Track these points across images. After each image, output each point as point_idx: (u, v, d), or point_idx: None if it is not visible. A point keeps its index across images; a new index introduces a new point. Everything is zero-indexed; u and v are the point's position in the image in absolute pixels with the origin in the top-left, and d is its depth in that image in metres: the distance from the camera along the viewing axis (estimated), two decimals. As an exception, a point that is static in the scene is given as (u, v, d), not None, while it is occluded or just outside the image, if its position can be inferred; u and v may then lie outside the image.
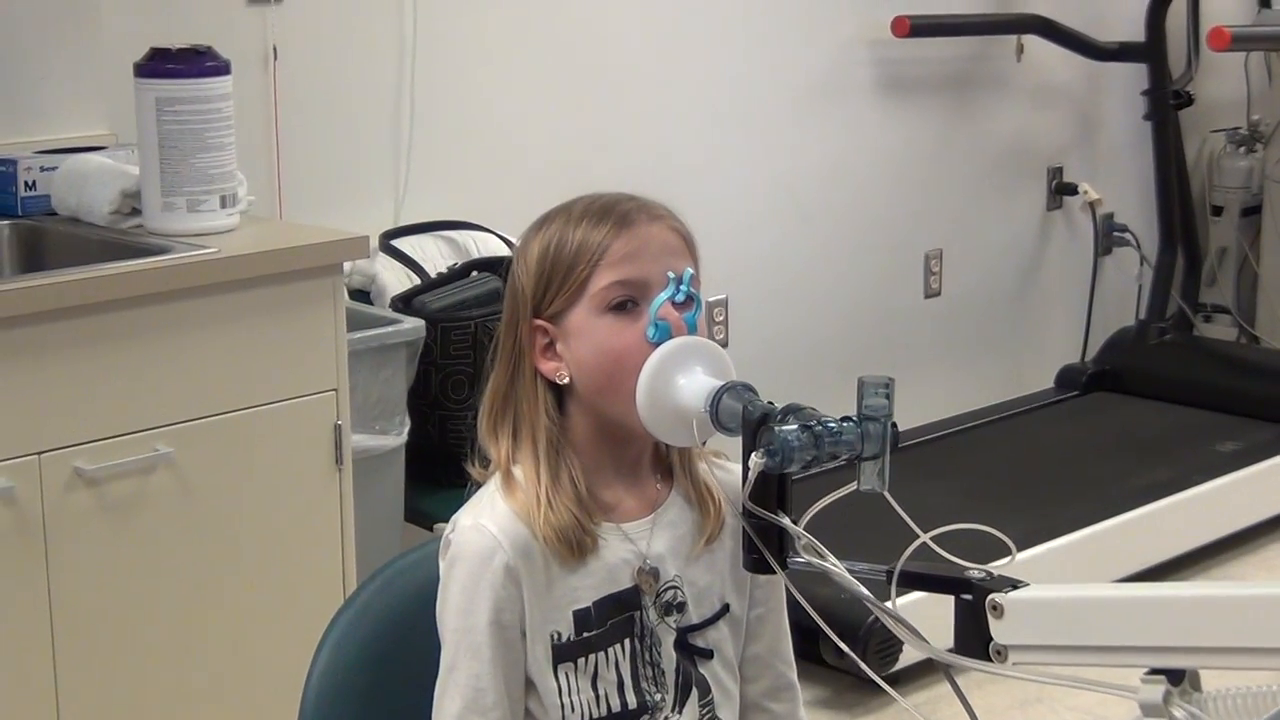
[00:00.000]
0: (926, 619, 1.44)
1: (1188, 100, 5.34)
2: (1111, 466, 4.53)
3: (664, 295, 1.61)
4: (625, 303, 1.62)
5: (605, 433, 1.66)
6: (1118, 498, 4.22)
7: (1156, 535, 4.18)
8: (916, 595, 1.44)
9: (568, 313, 1.64)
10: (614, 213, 1.65)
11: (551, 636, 1.64)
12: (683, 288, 1.62)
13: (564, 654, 1.65)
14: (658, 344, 1.58)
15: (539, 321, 1.65)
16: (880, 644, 3.27)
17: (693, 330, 1.61)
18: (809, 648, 2.09)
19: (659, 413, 1.57)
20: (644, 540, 1.68)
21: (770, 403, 1.47)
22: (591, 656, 1.66)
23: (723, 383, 1.53)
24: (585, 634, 1.65)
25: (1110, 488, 4.31)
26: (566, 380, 1.65)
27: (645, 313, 1.61)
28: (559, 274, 1.64)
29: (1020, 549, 1.50)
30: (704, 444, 1.60)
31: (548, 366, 1.65)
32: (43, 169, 3.08)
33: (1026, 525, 3.77)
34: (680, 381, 1.56)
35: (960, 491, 4.15)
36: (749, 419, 1.46)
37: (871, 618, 3.07)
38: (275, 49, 3.52)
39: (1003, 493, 4.22)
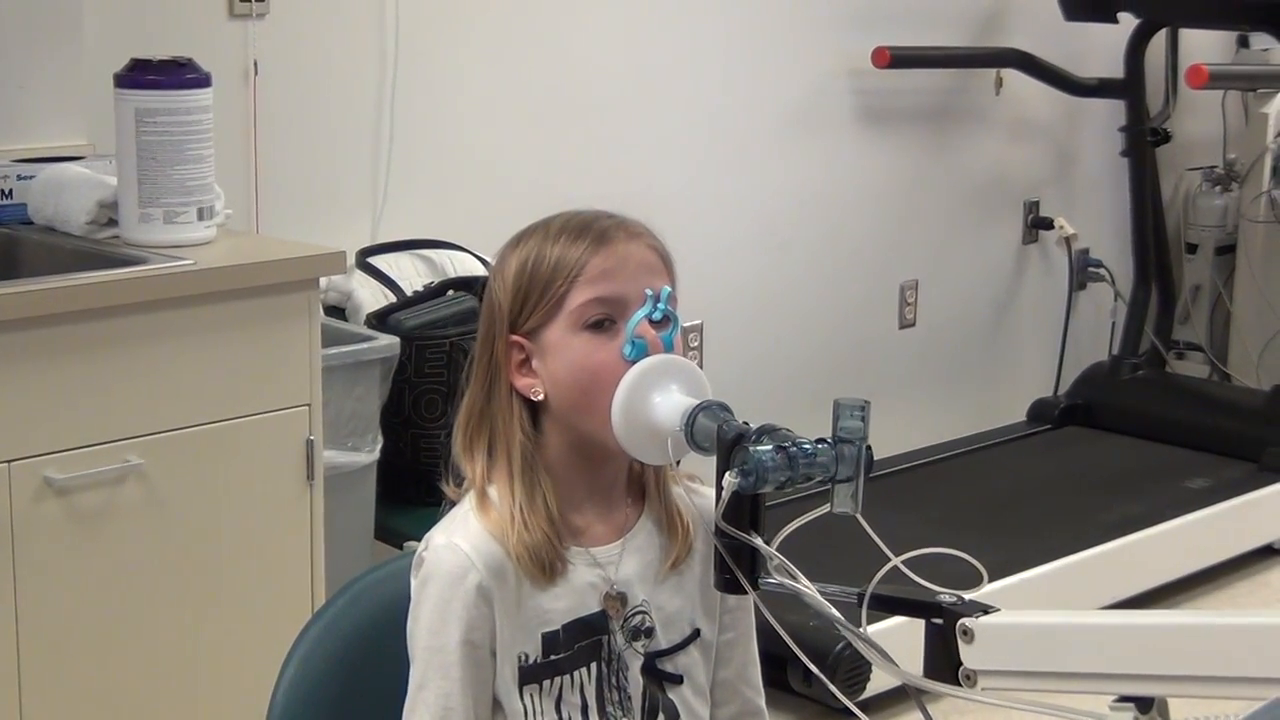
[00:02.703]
0: (895, 646, 1.43)
1: (1165, 137, 5.36)
2: (1082, 500, 4.54)
3: (641, 313, 1.61)
4: (602, 320, 1.62)
5: (580, 452, 1.66)
6: (1088, 531, 4.22)
7: (1126, 570, 4.19)
8: (885, 623, 1.44)
9: (544, 329, 1.63)
10: (592, 229, 1.65)
11: (519, 658, 1.64)
12: (660, 305, 1.62)
13: (530, 676, 1.64)
14: (634, 361, 1.58)
15: (515, 337, 1.65)
16: (849, 671, 3.27)
17: (669, 349, 1.61)
18: (776, 675, 2.09)
19: (634, 430, 1.56)
20: (613, 565, 1.68)
21: (745, 423, 1.47)
22: (557, 679, 1.65)
23: (699, 401, 1.53)
24: (552, 656, 1.65)
25: (1080, 521, 4.32)
26: (541, 397, 1.64)
27: (622, 330, 1.61)
28: (536, 290, 1.63)
29: (990, 581, 1.50)
30: (678, 463, 1.59)
31: (523, 383, 1.65)
32: (20, 178, 3.07)
33: (996, 557, 3.74)
34: (656, 399, 1.55)
35: (931, 522, 4.16)
36: (724, 438, 1.46)
37: (840, 644, 3.11)
38: (256, 63, 3.52)
39: (973, 524, 4.22)
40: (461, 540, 1.62)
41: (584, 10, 4.17)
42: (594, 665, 1.67)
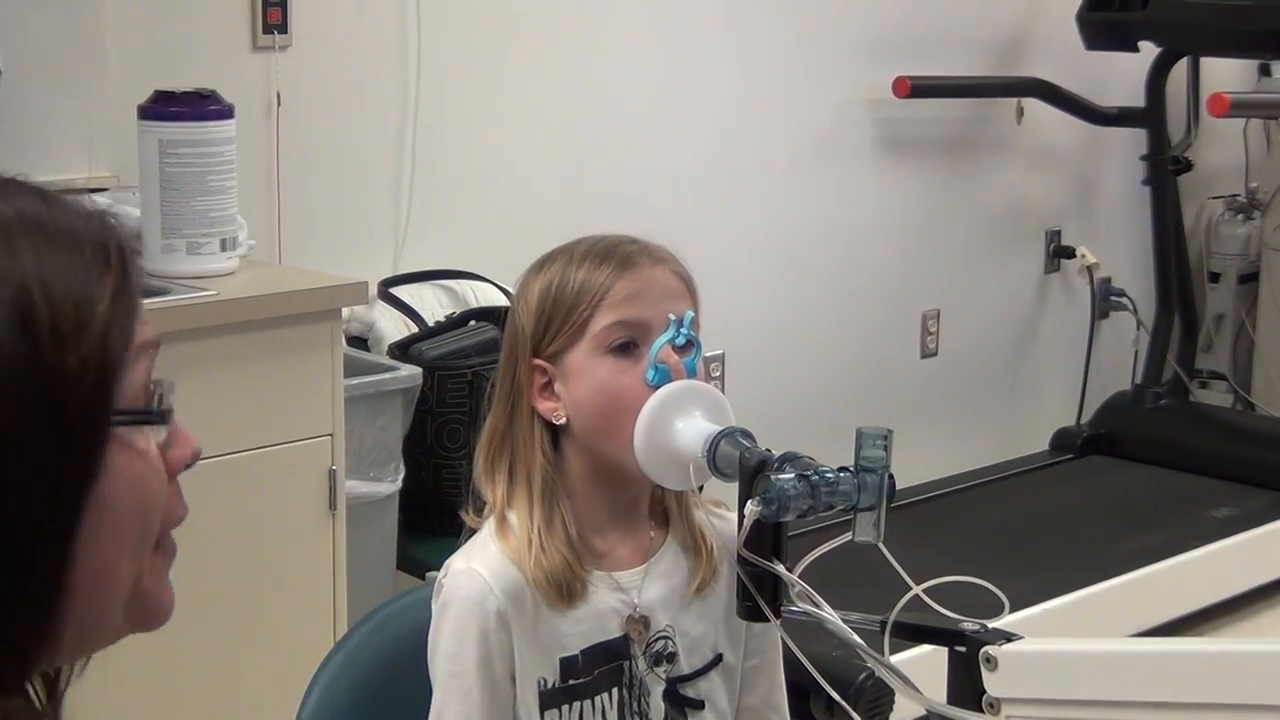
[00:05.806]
0: (918, 674, 1.43)
1: (1186, 166, 5.35)
2: (1105, 530, 4.52)
3: (664, 337, 1.61)
4: (626, 344, 1.62)
5: (601, 475, 1.66)
6: (1111, 561, 4.21)
7: (1149, 600, 4.17)
8: (907, 653, 1.43)
9: (567, 353, 1.64)
10: (616, 254, 1.65)
11: (539, 682, 1.63)
12: (683, 330, 1.62)
13: (550, 700, 1.64)
14: (657, 386, 1.58)
15: (538, 361, 1.65)
16: (871, 700, 3.25)
17: (692, 374, 1.61)
18: (799, 705, 2.08)
19: (656, 455, 1.56)
20: (636, 589, 1.68)
21: (768, 450, 1.47)
22: (577, 704, 1.65)
23: (721, 428, 1.53)
24: (572, 681, 1.64)
25: (1104, 551, 4.30)
26: (563, 420, 1.64)
27: (645, 355, 1.61)
28: (560, 314, 1.64)
29: (1012, 610, 1.50)
30: (700, 489, 1.59)
31: (545, 406, 1.65)
32: (44, 209, 3.08)
33: (1019, 587, 3.71)
34: (678, 425, 1.55)
35: (953, 552, 4.14)
36: (746, 466, 1.45)
37: (863, 674, 3.10)
38: (279, 95, 3.54)
39: (996, 554, 4.20)
40: (480, 565, 1.63)
41: (605, 42, 4.18)
42: (615, 691, 1.66)
